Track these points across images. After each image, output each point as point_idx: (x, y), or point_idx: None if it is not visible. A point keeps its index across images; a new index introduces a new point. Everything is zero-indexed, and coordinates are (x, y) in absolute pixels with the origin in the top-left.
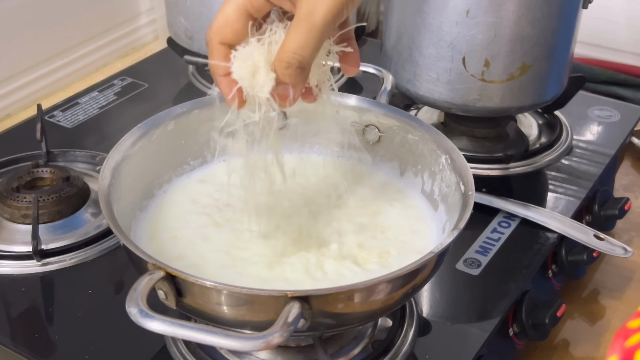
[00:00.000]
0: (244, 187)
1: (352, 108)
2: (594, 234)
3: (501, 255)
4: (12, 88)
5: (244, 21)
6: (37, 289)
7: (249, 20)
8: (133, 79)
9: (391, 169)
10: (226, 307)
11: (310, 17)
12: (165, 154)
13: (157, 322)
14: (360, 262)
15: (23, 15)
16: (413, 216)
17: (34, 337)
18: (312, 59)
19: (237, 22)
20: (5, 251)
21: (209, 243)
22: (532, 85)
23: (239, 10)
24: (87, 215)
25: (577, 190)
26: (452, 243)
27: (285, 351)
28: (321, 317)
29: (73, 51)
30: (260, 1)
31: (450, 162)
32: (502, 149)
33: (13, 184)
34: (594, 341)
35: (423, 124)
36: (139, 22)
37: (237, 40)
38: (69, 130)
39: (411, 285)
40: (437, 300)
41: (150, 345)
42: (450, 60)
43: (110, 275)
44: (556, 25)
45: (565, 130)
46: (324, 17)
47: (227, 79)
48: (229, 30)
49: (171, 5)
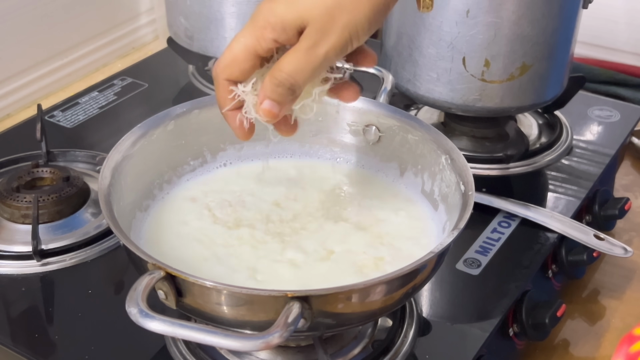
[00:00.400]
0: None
1: (352, 108)
2: (594, 234)
3: (501, 255)
4: (12, 88)
5: (252, 61)
6: (37, 289)
7: (256, 60)
8: (133, 79)
9: (391, 169)
10: (226, 307)
11: (313, 50)
12: (165, 154)
13: (157, 322)
14: (358, 263)
15: (23, 15)
16: (413, 216)
17: (34, 337)
18: (304, 84)
19: (244, 62)
20: (5, 251)
21: (209, 243)
22: (532, 85)
23: (247, 52)
24: (87, 215)
25: (577, 190)
26: (452, 243)
27: (285, 351)
28: (321, 317)
29: (73, 51)
30: (269, 43)
31: (450, 162)
32: (502, 149)
33: (13, 184)
34: (594, 341)
35: (423, 124)
36: (139, 22)
37: (243, 78)
38: (69, 130)
39: (411, 285)
40: (437, 300)
41: (150, 345)
42: (450, 60)
43: (110, 275)
44: (556, 25)
45: (566, 130)
46: (327, 53)
47: (233, 113)
48: (236, 69)
49: (171, 5)
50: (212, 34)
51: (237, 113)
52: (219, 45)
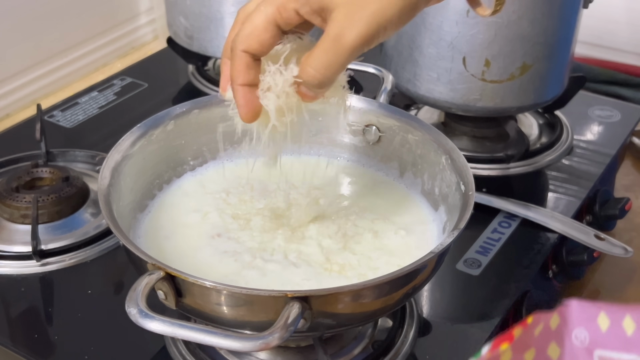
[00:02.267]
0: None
1: (352, 108)
2: (595, 234)
3: (501, 255)
4: (11, 88)
5: (272, 32)
6: (37, 289)
7: (276, 32)
8: (133, 79)
9: (391, 169)
10: (226, 308)
11: (339, 40)
12: (165, 154)
13: (156, 322)
14: (355, 264)
15: (23, 15)
16: (413, 216)
17: (34, 337)
18: (333, 79)
19: (264, 33)
20: (5, 251)
21: (209, 243)
22: (533, 85)
23: (267, 21)
24: (87, 215)
25: (577, 190)
26: (452, 243)
27: (285, 351)
28: (321, 317)
29: (73, 51)
30: (290, 14)
31: (451, 162)
32: (503, 149)
33: (12, 184)
34: None
35: (423, 124)
36: (138, 21)
37: (261, 51)
38: (68, 130)
39: (411, 285)
40: (437, 300)
41: (150, 346)
42: (450, 60)
43: (110, 275)
44: (556, 25)
45: (566, 130)
46: (353, 43)
47: (244, 88)
48: (255, 40)
49: (171, 5)
50: (212, 34)
51: (247, 91)
52: (219, 45)
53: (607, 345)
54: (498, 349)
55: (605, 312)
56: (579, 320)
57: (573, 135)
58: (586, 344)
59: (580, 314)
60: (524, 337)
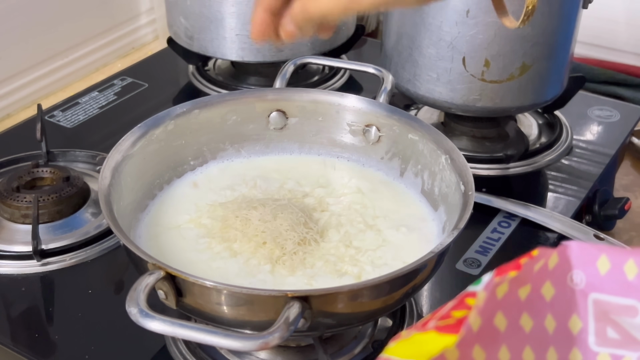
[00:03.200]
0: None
1: (352, 108)
2: (594, 233)
3: (501, 255)
4: (12, 88)
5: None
6: (37, 289)
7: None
8: (133, 79)
9: (391, 169)
10: (226, 307)
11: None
12: (165, 154)
13: (157, 322)
14: (356, 263)
15: (23, 15)
16: (413, 216)
17: (34, 337)
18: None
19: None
20: (5, 251)
21: (209, 243)
22: (532, 85)
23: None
24: (87, 215)
25: (577, 190)
26: (452, 243)
27: (285, 351)
28: (321, 317)
29: (73, 51)
30: None
31: (450, 162)
32: (502, 149)
33: (13, 184)
34: None
35: (423, 124)
36: (139, 22)
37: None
38: (69, 130)
39: (411, 285)
40: (437, 300)
41: (150, 345)
42: (450, 60)
43: (110, 275)
44: (556, 25)
45: (565, 130)
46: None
47: (265, 11)
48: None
49: (171, 5)
50: (212, 34)
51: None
52: (219, 45)
53: (604, 289)
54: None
55: (606, 255)
56: (578, 263)
57: (572, 135)
58: (582, 287)
59: (580, 256)
60: (524, 271)
